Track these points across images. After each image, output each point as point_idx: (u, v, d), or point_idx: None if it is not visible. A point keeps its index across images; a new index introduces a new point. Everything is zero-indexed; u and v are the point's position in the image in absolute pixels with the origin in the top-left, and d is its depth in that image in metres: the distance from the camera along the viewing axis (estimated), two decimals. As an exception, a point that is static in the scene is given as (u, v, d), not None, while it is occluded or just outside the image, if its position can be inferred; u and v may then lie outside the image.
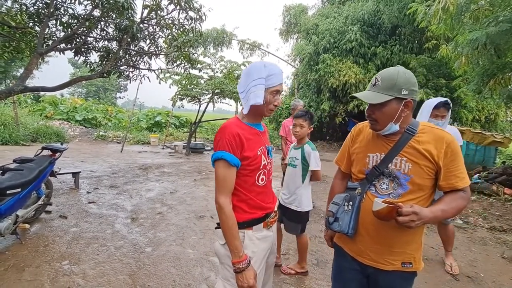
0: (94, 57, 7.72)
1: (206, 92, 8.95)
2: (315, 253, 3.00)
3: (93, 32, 5.00)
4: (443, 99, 2.39)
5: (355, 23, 11.86)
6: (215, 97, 9.37)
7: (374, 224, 1.17)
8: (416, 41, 11.20)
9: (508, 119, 11.07)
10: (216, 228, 1.31)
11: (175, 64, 5.46)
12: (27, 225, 3.12)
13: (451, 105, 2.42)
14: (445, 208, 1.09)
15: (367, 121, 1.29)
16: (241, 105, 1.33)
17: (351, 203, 1.24)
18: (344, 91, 11.55)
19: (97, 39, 5.20)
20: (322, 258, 2.90)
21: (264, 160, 1.30)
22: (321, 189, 5.71)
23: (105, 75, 4.90)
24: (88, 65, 5.28)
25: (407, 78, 1.12)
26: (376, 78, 1.17)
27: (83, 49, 5.08)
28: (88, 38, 5.17)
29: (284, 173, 4.41)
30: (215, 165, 1.22)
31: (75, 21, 4.67)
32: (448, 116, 2.43)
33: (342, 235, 1.30)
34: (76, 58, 5.13)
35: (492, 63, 4.85)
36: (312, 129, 2.48)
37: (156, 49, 5.36)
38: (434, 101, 2.41)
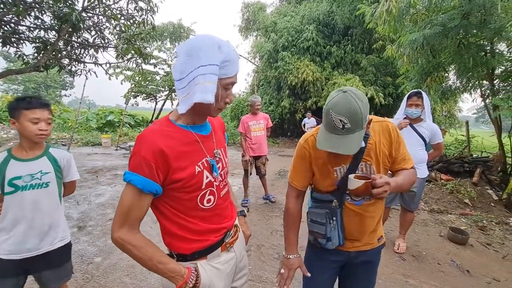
0: (29, 48, 6.84)
1: (162, 88, 8.54)
2: (276, 247, 3.04)
3: (25, 20, 4.40)
4: (416, 90, 2.71)
5: (311, 23, 12.29)
6: (173, 94, 8.99)
7: (357, 226, 1.26)
8: (366, 42, 12.02)
9: (444, 113, 12.53)
10: None
11: (125, 58, 5.07)
12: None
13: (422, 93, 2.67)
14: (404, 180, 1.19)
15: (314, 132, 1.23)
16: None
17: (334, 218, 1.23)
18: (303, 88, 11.96)
19: (31, 28, 4.60)
20: (283, 252, 2.94)
21: (207, 178, 0.97)
22: (282, 183, 5.82)
23: (41, 68, 4.36)
24: (21, 58, 4.64)
25: (364, 104, 1.05)
26: (341, 121, 1.02)
27: (13, 39, 4.45)
28: (20, 27, 4.53)
29: (245, 170, 4.42)
30: (125, 186, 0.90)
31: (1, 6, 4.06)
32: (424, 105, 2.65)
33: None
34: (5, 49, 4.48)
35: (429, 62, 5.40)
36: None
37: (103, 42, 4.92)
38: (409, 93, 2.72)
